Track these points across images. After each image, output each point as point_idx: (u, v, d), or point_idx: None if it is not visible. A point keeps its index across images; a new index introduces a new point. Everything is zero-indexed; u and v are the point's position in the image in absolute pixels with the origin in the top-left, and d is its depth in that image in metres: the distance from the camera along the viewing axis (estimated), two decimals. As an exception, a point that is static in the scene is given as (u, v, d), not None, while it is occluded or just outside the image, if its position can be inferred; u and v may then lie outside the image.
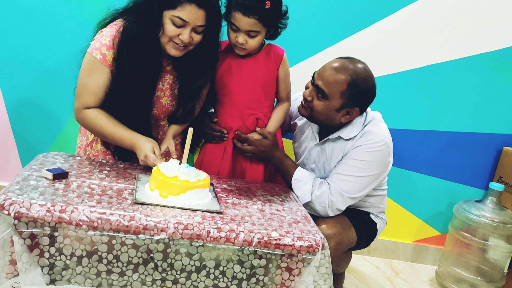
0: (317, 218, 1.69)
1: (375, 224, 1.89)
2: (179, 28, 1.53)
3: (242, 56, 1.76)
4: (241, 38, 1.66)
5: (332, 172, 1.75)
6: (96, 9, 1.81)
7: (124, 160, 1.72)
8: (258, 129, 1.80)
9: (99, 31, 1.63)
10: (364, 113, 1.79)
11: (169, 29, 1.53)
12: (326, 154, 1.80)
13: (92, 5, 1.92)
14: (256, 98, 1.80)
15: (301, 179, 1.75)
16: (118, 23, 1.61)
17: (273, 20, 1.67)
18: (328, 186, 1.71)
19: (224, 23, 1.68)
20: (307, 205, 1.71)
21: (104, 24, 1.66)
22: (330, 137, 1.78)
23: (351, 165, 1.71)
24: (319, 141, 1.83)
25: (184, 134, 1.87)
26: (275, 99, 1.90)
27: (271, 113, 1.86)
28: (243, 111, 1.79)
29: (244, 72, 1.76)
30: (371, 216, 1.89)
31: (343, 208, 1.72)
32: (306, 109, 1.75)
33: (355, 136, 1.74)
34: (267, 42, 1.80)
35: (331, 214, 1.71)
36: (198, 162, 1.90)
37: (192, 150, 1.96)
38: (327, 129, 1.81)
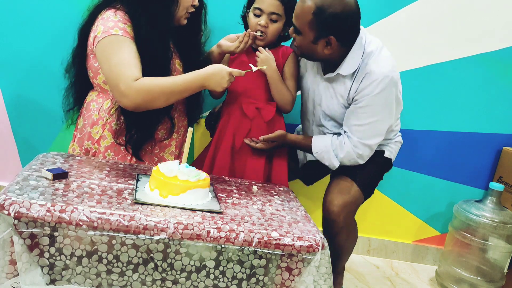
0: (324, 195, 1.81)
1: (389, 159, 1.94)
2: None
3: (254, 50, 1.83)
4: (263, 21, 1.77)
5: (346, 125, 1.76)
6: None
7: (136, 150, 1.70)
8: (261, 137, 1.81)
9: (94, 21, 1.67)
10: (362, 45, 1.71)
11: None
12: (331, 92, 1.79)
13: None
14: (258, 86, 1.84)
15: (321, 150, 1.79)
16: (112, 8, 1.65)
17: (292, 10, 1.74)
18: (349, 142, 1.74)
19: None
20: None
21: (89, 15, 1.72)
22: (330, 75, 1.77)
23: (362, 112, 1.71)
24: (324, 75, 1.81)
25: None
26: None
27: (273, 103, 1.87)
28: (242, 99, 1.84)
29: (253, 61, 1.81)
30: (385, 153, 1.92)
31: (371, 153, 1.78)
32: (297, 50, 1.80)
33: (355, 71, 1.71)
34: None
35: (362, 162, 1.78)
36: (209, 160, 1.89)
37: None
38: (327, 65, 1.80)
